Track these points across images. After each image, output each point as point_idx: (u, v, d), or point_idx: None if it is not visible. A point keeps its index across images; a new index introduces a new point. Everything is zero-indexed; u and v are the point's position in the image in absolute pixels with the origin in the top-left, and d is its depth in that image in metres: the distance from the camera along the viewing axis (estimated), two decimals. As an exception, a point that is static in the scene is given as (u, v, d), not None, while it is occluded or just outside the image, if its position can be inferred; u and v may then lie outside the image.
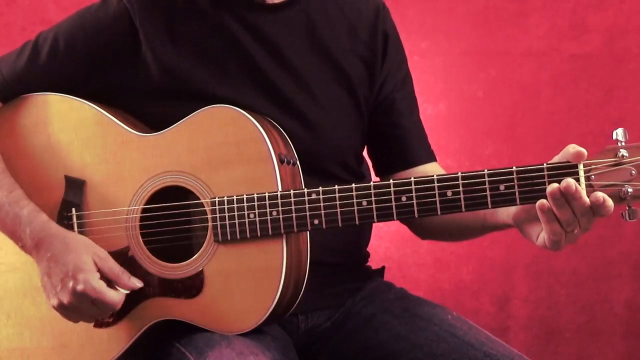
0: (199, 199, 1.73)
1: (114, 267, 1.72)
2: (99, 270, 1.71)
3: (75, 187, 1.80)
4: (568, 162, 1.55)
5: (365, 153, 2.01)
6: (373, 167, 2.02)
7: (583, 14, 3.04)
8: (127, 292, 1.72)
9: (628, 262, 3.05)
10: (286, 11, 1.86)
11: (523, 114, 3.08)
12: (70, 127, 1.82)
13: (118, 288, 1.72)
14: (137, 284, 1.73)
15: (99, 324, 1.78)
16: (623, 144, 1.54)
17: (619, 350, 3.08)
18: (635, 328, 3.07)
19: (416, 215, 1.63)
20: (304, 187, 1.71)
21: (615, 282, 3.06)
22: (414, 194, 1.62)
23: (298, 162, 1.76)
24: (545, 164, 1.56)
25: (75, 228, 1.79)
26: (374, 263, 2.04)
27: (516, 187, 1.57)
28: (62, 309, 1.71)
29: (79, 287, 1.67)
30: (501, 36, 3.08)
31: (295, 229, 1.68)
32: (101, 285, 1.69)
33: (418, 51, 3.06)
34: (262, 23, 1.83)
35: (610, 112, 3.03)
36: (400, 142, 1.96)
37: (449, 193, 1.61)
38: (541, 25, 3.06)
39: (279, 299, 1.68)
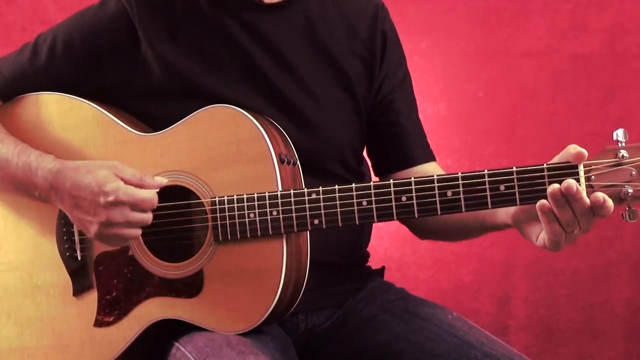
0: (199, 199, 1.73)
1: (134, 172, 1.70)
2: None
3: (75, 186, 1.80)
4: (568, 162, 1.55)
5: (364, 153, 2.01)
6: (372, 166, 2.02)
7: (583, 14, 3.04)
8: (157, 190, 1.70)
9: (628, 262, 3.05)
10: (284, 11, 1.86)
11: (523, 114, 3.08)
12: (71, 126, 1.82)
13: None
14: (163, 180, 1.71)
15: (99, 324, 1.78)
16: (623, 144, 1.54)
17: (619, 350, 3.08)
18: (636, 328, 3.07)
19: (416, 215, 1.63)
20: (304, 187, 1.71)
21: (615, 282, 3.06)
22: (414, 194, 1.63)
23: (298, 162, 1.76)
24: (545, 165, 1.56)
25: (76, 228, 1.79)
26: (374, 263, 2.04)
27: (516, 187, 1.57)
28: (105, 229, 1.68)
29: (111, 198, 1.66)
30: (501, 36, 3.08)
31: (296, 229, 1.68)
32: (130, 187, 1.67)
33: (418, 51, 3.06)
34: (261, 22, 1.84)
35: (610, 112, 3.03)
36: (399, 142, 1.96)
37: (449, 193, 1.61)
38: (541, 25, 3.06)
39: (279, 298, 1.68)
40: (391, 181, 1.64)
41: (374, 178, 2.02)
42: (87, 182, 1.68)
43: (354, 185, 1.66)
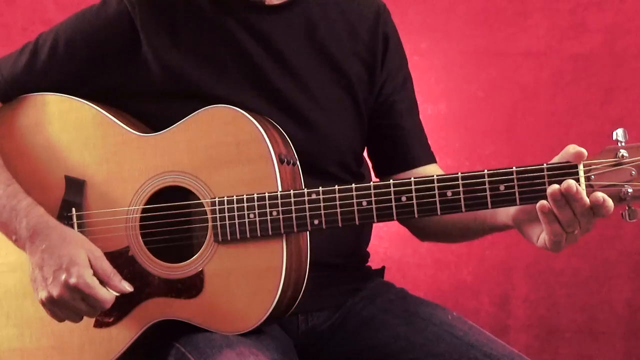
0: (199, 199, 1.73)
1: (106, 267, 1.71)
2: (92, 268, 1.70)
3: (75, 187, 1.81)
4: (568, 162, 1.55)
5: (365, 154, 2.01)
6: (373, 168, 2.02)
7: (583, 14, 3.04)
8: (118, 294, 1.71)
9: (628, 262, 3.05)
10: (286, 12, 1.86)
11: (523, 114, 3.08)
12: (71, 127, 1.82)
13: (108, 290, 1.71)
14: (127, 287, 1.71)
15: (99, 324, 1.78)
16: (623, 144, 1.54)
17: (619, 350, 3.08)
18: (635, 328, 3.07)
19: (416, 216, 1.63)
20: (304, 187, 1.71)
21: (615, 282, 3.06)
22: (414, 194, 1.63)
23: (298, 163, 1.76)
24: (545, 164, 1.56)
25: (76, 228, 1.79)
26: (374, 263, 2.04)
27: (516, 187, 1.57)
28: (50, 303, 1.70)
29: (72, 281, 1.66)
30: (501, 36, 3.08)
31: (295, 229, 1.68)
32: (94, 281, 1.68)
33: (418, 51, 3.06)
34: (262, 24, 1.84)
35: (610, 112, 3.03)
36: (400, 144, 1.96)
37: (449, 193, 1.61)
38: (541, 25, 3.06)
39: (279, 299, 1.68)
40: (391, 181, 1.64)
41: (374, 179, 2.02)
42: (61, 253, 1.69)
43: (353, 185, 1.66)
